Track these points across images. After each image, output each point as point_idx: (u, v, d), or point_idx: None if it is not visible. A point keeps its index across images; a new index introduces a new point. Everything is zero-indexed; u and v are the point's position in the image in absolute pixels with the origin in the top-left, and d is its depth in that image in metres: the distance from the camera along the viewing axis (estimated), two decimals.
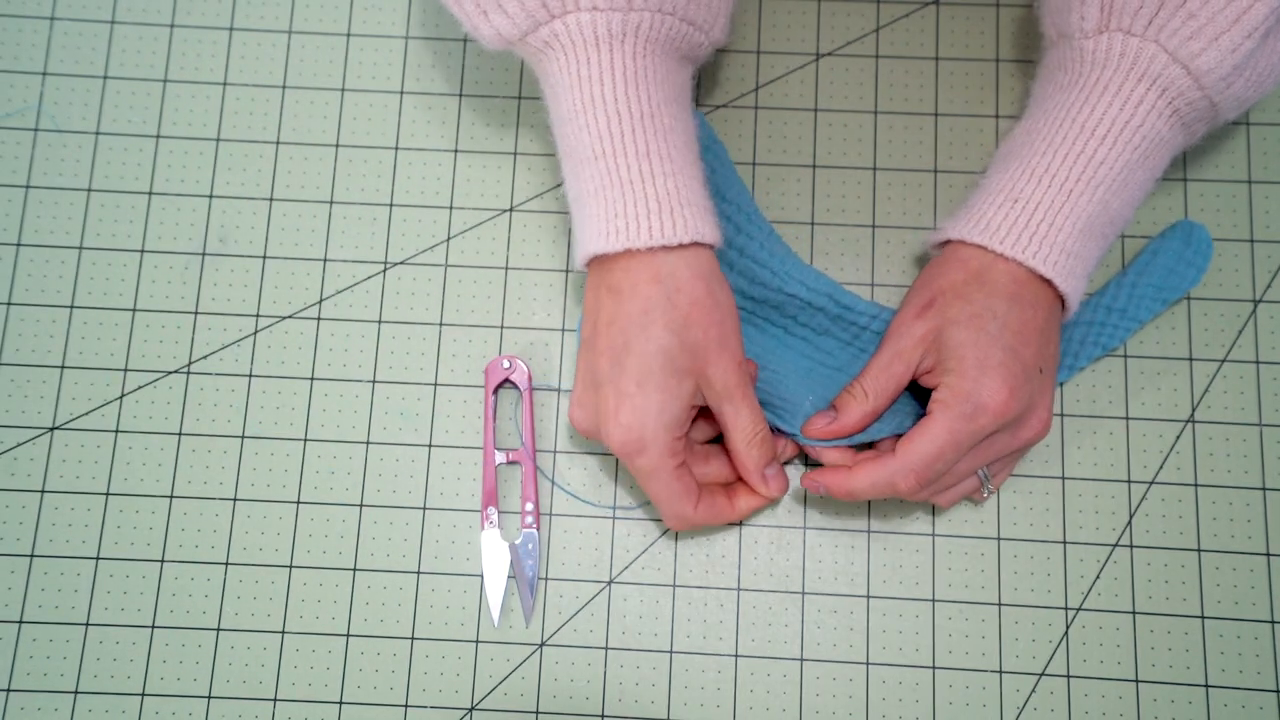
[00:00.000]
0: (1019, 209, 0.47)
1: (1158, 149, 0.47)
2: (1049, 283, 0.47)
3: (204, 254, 0.56)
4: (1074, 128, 0.47)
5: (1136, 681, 0.51)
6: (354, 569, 0.53)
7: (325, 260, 0.56)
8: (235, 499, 0.53)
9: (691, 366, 0.45)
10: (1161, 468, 0.53)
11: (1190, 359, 0.54)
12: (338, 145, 0.57)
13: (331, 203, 0.57)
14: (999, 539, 0.52)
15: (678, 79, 0.47)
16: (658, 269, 0.45)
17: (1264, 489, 0.52)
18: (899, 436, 0.48)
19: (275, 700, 0.51)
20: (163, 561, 0.53)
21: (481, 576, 0.52)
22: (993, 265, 0.47)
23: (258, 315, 0.55)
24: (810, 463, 0.53)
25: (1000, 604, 0.52)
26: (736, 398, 0.47)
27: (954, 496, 0.50)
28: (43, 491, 0.53)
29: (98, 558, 0.53)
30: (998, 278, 0.47)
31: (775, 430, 0.51)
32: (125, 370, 0.55)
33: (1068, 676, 0.51)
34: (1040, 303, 0.47)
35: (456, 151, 0.57)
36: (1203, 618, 0.51)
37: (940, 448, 0.46)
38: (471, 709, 0.51)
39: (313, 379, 0.55)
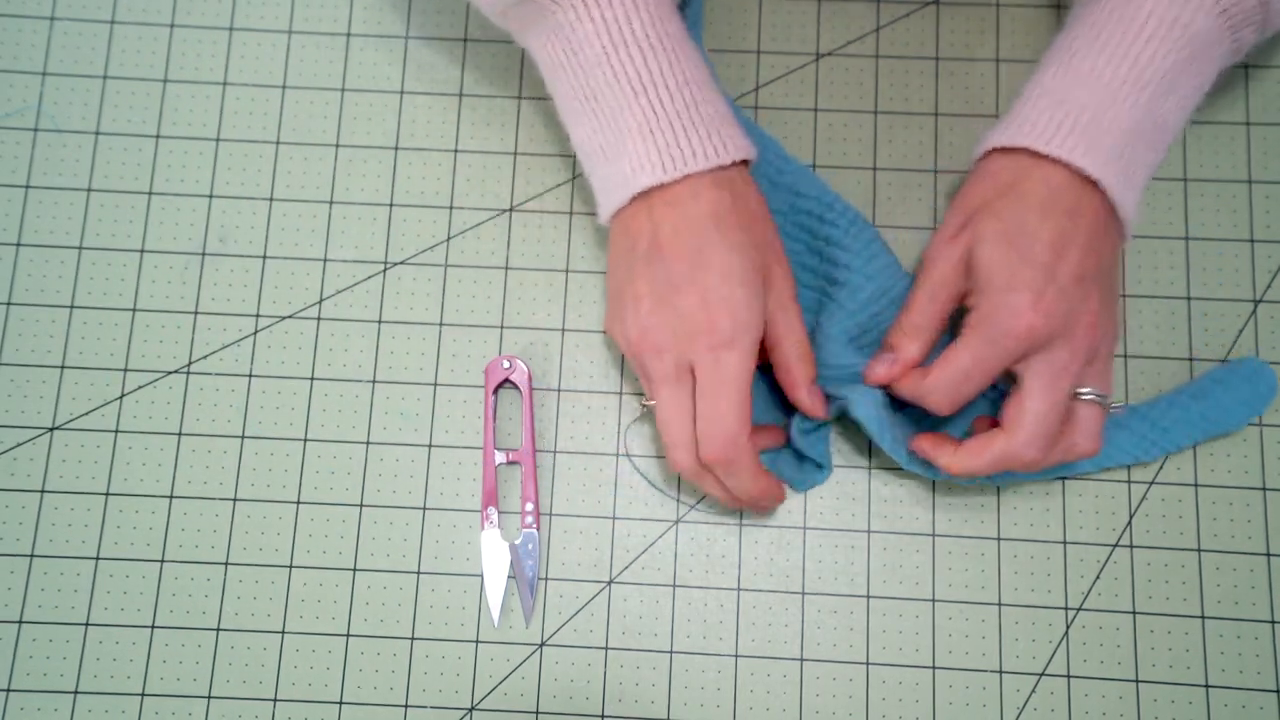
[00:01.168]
0: (1063, 110, 0.46)
1: (1205, 51, 0.46)
2: (1093, 186, 0.45)
3: (204, 254, 0.56)
4: (1120, 26, 0.46)
5: (1136, 681, 0.51)
6: (354, 569, 0.53)
7: (325, 260, 0.56)
8: (235, 499, 0.53)
9: (763, 265, 0.46)
10: (1162, 468, 0.53)
11: (1190, 359, 0.54)
12: (338, 145, 0.57)
13: (331, 203, 0.57)
14: (999, 539, 0.52)
15: (677, 11, 0.48)
16: (716, 178, 0.46)
17: (1264, 489, 0.52)
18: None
19: (275, 700, 0.51)
20: (163, 561, 0.53)
21: (481, 576, 0.52)
22: (1028, 174, 0.46)
23: (258, 315, 0.55)
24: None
25: (1000, 604, 0.52)
26: (790, 306, 0.48)
27: (1088, 437, 0.48)
28: (43, 491, 0.53)
29: (98, 558, 0.53)
30: (1032, 187, 0.46)
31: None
32: (125, 370, 0.55)
33: (1068, 676, 0.51)
34: (1081, 211, 0.45)
35: (456, 151, 0.57)
36: (1203, 618, 0.51)
37: (965, 371, 0.46)
38: (471, 709, 0.51)
39: (313, 379, 0.55)
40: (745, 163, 0.48)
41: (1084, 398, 0.47)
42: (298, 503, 0.53)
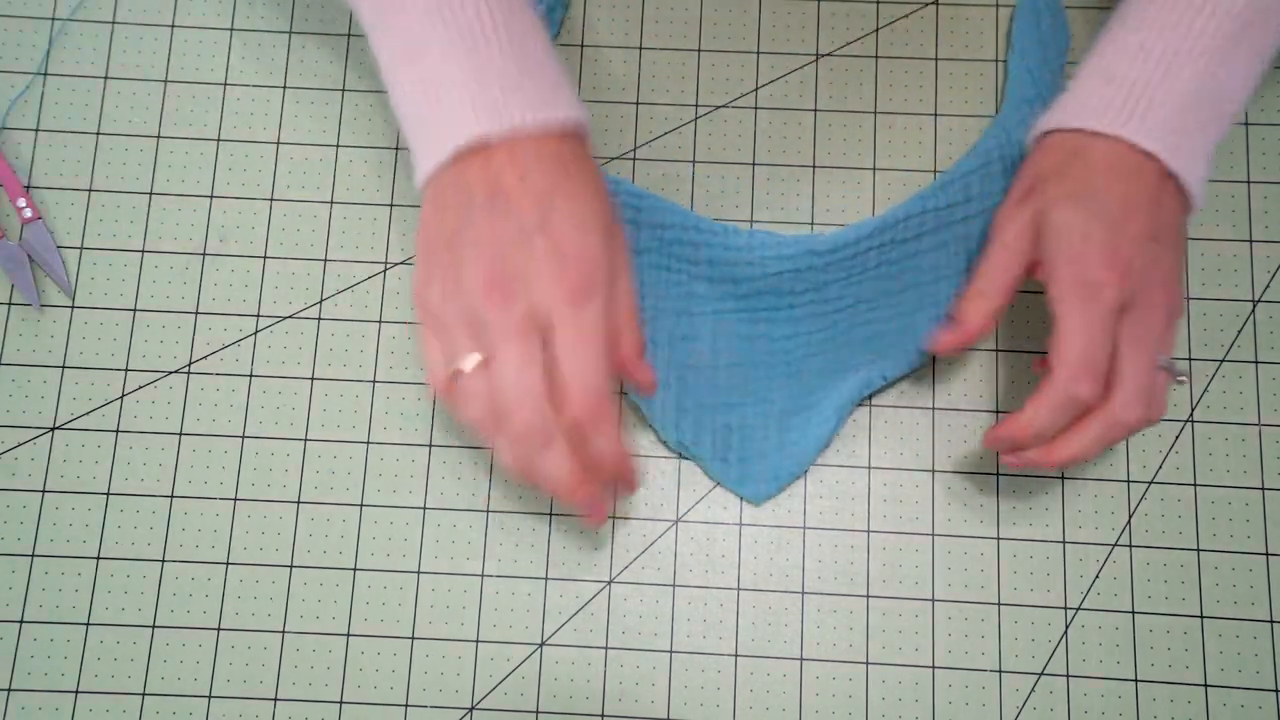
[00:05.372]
0: (1114, 87, 0.46)
1: (1264, 14, 0.45)
2: (1152, 158, 0.45)
3: (204, 254, 0.56)
4: (1164, 2, 0.46)
5: (1136, 681, 0.51)
6: (354, 569, 0.53)
7: (325, 260, 0.56)
8: (235, 499, 0.53)
9: (609, 220, 0.44)
10: (1161, 468, 0.53)
11: (1190, 359, 0.54)
12: (338, 145, 0.57)
13: (332, 203, 0.57)
14: (999, 539, 0.52)
15: None
16: (551, 134, 0.43)
17: (1263, 489, 0.52)
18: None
19: (275, 700, 0.51)
20: (163, 561, 0.53)
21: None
22: (1090, 145, 0.46)
23: (258, 315, 0.55)
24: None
25: (1000, 604, 0.52)
26: (626, 273, 0.44)
27: (1158, 403, 0.46)
28: (43, 491, 0.53)
29: (98, 558, 0.53)
30: (1095, 155, 0.46)
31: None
32: (125, 370, 0.55)
33: (1067, 676, 0.51)
34: (1144, 176, 0.45)
35: None
36: (1202, 617, 0.51)
37: (1087, 339, 0.44)
38: (471, 709, 0.51)
39: (313, 379, 0.55)
40: (577, 135, 0.45)
41: (1161, 363, 0.46)
42: (298, 503, 0.53)
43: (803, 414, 0.52)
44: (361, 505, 0.53)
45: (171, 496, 0.53)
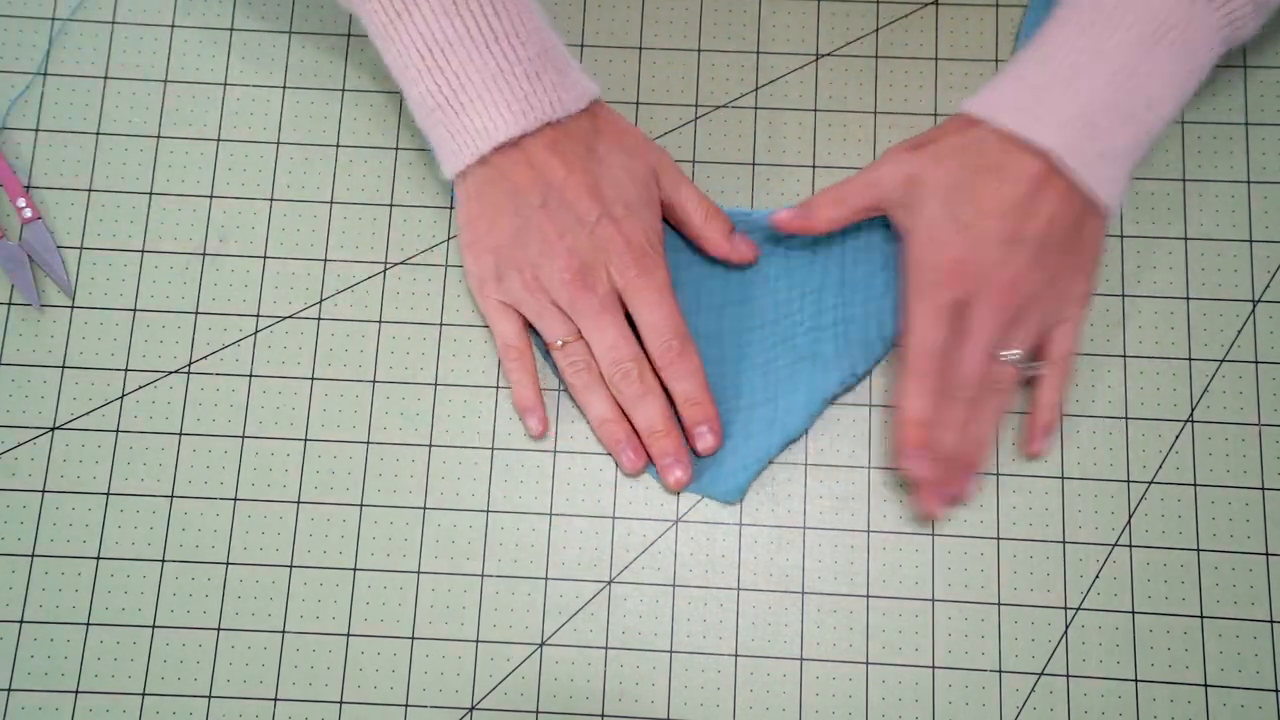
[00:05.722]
0: (1021, 86, 0.48)
1: (1181, 26, 0.46)
2: (1043, 156, 0.47)
3: (204, 254, 0.56)
4: (1085, 5, 0.48)
5: (1136, 681, 0.51)
6: (354, 569, 0.53)
7: (325, 260, 0.56)
8: (235, 499, 0.53)
9: (648, 169, 0.51)
10: (1161, 467, 0.53)
11: (1189, 359, 0.54)
12: (338, 145, 0.57)
13: (332, 203, 0.57)
14: (998, 539, 0.52)
15: None
16: (578, 115, 0.49)
17: (1263, 489, 0.52)
18: None
19: (275, 700, 0.51)
20: (163, 561, 0.53)
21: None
22: (988, 132, 0.49)
23: (258, 315, 0.55)
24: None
25: (1000, 604, 0.52)
26: (681, 182, 0.52)
27: (992, 390, 0.50)
28: (43, 491, 0.53)
29: (98, 558, 0.53)
30: (988, 144, 0.48)
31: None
32: (125, 370, 0.55)
33: (1067, 676, 0.51)
34: (1023, 177, 0.47)
35: None
36: (1202, 617, 0.51)
37: (921, 329, 0.49)
38: (471, 709, 0.51)
39: (313, 379, 0.55)
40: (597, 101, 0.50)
41: (1005, 357, 0.49)
42: (298, 503, 0.53)
43: (768, 406, 0.53)
44: (361, 505, 0.53)
45: (171, 496, 0.53)
